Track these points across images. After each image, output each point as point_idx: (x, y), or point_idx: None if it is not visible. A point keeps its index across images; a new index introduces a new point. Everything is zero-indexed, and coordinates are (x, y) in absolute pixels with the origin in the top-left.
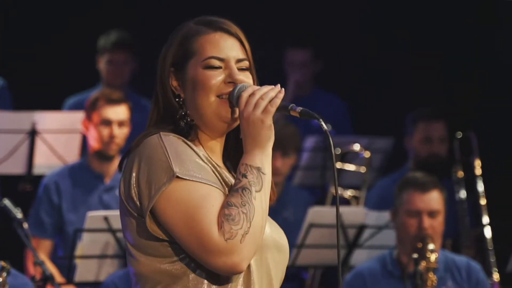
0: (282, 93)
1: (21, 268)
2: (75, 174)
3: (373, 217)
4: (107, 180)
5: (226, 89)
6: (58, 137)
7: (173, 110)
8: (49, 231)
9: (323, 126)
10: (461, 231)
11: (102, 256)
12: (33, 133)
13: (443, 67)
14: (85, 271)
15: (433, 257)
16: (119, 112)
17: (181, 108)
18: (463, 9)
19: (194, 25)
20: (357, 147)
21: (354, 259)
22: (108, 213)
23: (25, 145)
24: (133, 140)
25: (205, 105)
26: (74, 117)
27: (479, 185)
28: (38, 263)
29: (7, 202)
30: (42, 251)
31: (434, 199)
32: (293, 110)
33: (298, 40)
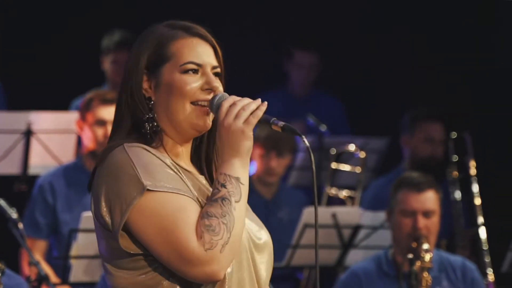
0: (265, 105)
1: (16, 269)
2: (70, 174)
3: (368, 217)
4: None
5: (202, 96)
6: (53, 137)
7: (139, 113)
8: (44, 231)
9: (305, 143)
10: (456, 231)
11: (97, 257)
12: (28, 133)
13: (437, 67)
14: (80, 271)
15: (427, 257)
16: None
17: (150, 111)
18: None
19: (169, 28)
20: (352, 147)
21: (349, 259)
22: None
23: (20, 145)
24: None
25: (179, 110)
26: (69, 118)
27: (473, 185)
28: (33, 263)
29: (2, 202)
30: (37, 251)
31: (429, 199)
32: (275, 124)
33: (309, 43)
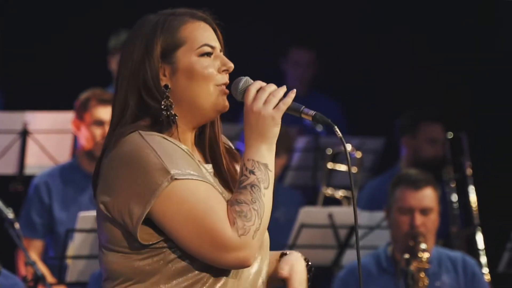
0: (294, 93)
1: (13, 269)
2: (66, 174)
3: (364, 217)
4: None
5: (222, 79)
6: (49, 137)
7: (155, 102)
8: (40, 231)
9: (338, 133)
10: (452, 231)
11: (93, 257)
12: (24, 134)
13: (434, 67)
14: (76, 271)
15: (425, 256)
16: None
17: (167, 98)
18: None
19: (172, 16)
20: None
21: (346, 259)
22: None
23: (16, 145)
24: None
25: (202, 93)
26: (66, 118)
27: (470, 185)
28: (30, 263)
29: None
30: (33, 251)
31: (427, 196)
32: (305, 113)
33: (306, 40)
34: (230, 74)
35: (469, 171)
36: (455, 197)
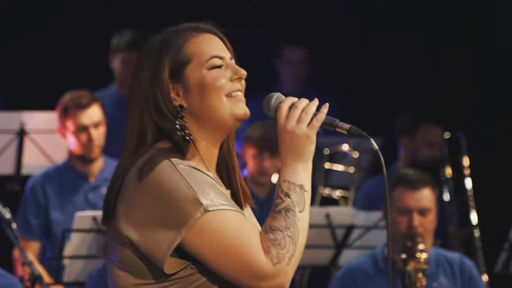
0: (327, 108)
1: (10, 269)
2: (60, 174)
3: (362, 217)
4: (91, 179)
5: (234, 87)
6: (46, 137)
7: (168, 124)
8: (36, 232)
9: (374, 146)
10: (450, 231)
11: (90, 257)
12: (21, 133)
13: (431, 66)
14: (73, 271)
15: (422, 257)
16: (92, 114)
17: (181, 118)
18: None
19: (176, 33)
20: (345, 147)
21: (343, 259)
22: (96, 213)
23: (13, 145)
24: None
25: (216, 106)
26: None
27: (467, 185)
28: (27, 263)
29: None
30: (30, 253)
31: (425, 197)
32: (340, 127)
33: (298, 38)
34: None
35: (467, 170)
36: (452, 197)
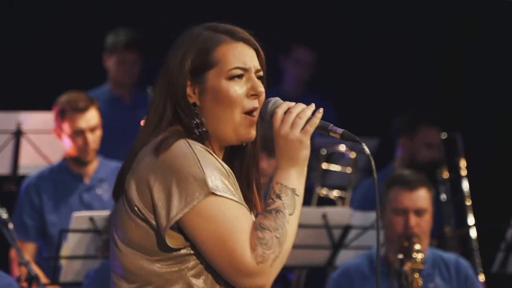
0: (321, 113)
1: (6, 269)
2: (55, 175)
3: (358, 217)
4: (86, 180)
5: (250, 104)
6: (43, 138)
7: (186, 119)
8: (32, 234)
9: (366, 150)
10: (446, 231)
11: (87, 257)
12: (18, 134)
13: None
14: (70, 271)
15: (419, 257)
16: (90, 118)
17: (197, 116)
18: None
19: (212, 32)
20: (342, 147)
21: (340, 259)
22: (93, 213)
23: (10, 145)
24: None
25: (227, 119)
26: None
27: (464, 185)
28: (23, 263)
29: None
30: (26, 254)
31: (421, 197)
32: (333, 131)
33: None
34: None
35: (464, 171)
36: (449, 198)
